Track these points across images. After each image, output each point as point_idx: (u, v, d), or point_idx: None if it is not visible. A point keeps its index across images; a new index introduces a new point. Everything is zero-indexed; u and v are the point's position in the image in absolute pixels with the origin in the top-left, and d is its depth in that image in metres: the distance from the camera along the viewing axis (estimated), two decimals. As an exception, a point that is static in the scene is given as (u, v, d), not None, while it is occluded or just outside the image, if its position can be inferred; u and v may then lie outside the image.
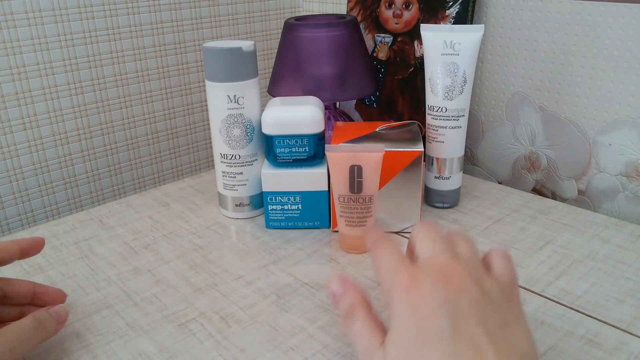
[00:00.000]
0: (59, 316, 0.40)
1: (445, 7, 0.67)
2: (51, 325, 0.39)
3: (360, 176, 0.50)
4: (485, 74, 0.70)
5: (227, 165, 0.58)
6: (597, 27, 0.59)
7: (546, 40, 0.63)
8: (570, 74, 0.62)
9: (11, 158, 0.69)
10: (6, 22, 0.64)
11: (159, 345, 0.41)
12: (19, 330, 0.37)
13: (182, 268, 0.51)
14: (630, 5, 0.56)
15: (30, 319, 0.38)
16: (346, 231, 0.52)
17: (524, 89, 0.67)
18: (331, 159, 0.50)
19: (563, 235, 0.55)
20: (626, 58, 0.58)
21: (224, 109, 0.55)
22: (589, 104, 0.62)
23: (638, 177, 0.60)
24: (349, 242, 0.53)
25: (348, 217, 0.52)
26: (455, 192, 0.61)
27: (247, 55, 0.54)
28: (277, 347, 0.41)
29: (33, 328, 0.38)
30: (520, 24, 0.65)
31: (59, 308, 0.40)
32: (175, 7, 0.78)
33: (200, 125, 0.87)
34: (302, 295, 0.47)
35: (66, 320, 0.41)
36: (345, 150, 0.50)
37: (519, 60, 0.66)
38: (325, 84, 0.63)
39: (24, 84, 0.67)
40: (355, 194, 0.51)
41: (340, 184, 0.51)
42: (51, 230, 0.59)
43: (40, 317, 0.39)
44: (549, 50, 0.63)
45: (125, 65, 0.75)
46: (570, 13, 0.61)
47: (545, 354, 0.39)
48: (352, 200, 0.51)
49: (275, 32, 0.92)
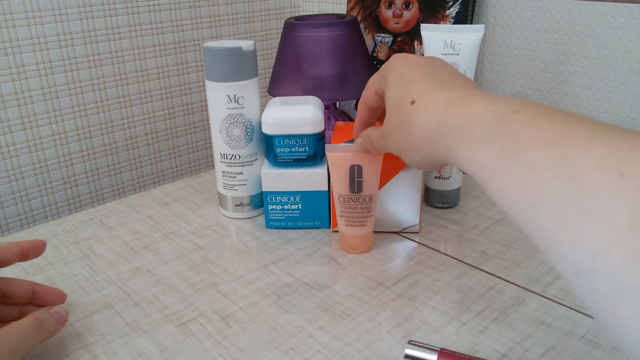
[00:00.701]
0: (59, 316, 0.40)
1: (445, 7, 0.67)
2: (51, 325, 0.39)
3: (360, 176, 0.50)
4: (485, 74, 0.70)
5: (227, 165, 0.58)
6: (597, 27, 0.59)
7: (546, 40, 0.63)
8: (570, 74, 0.62)
9: (11, 158, 0.69)
10: (5, 22, 0.64)
11: (159, 345, 0.41)
12: (19, 330, 0.37)
13: (182, 268, 0.51)
14: (630, 5, 0.56)
15: (31, 318, 0.38)
16: (346, 231, 0.52)
17: (524, 89, 0.67)
18: (331, 159, 0.50)
19: (563, 235, 0.55)
20: (626, 58, 0.58)
21: (224, 109, 0.55)
22: (589, 104, 0.62)
23: (638, 177, 0.60)
24: (349, 242, 0.53)
25: (348, 216, 0.52)
26: (455, 192, 0.61)
27: (247, 55, 0.54)
28: (277, 347, 0.41)
29: (33, 328, 0.38)
30: (520, 24, 0.65)
31: (59, 308, 0.40)
32: (175, 7, 0.78)
33: (200, 125, 0.87)
34: (302, 295, 0.47)
35: (66, 321, 0.41)
36: (345, 150, 0.50)
37: (519, 60, 0.66)
38: (325, 84, 0.63)
39: (23, 83, 0.67)
40: (356, 193, 0.51)
41: (340, 183, 0.51)
42: (51, 230, 0.59)
43: (40, 317, 0.38)
44: (549, 50, 0.63)
45: (125, 65, 0.75)
46: (570, 13, 0.61)
47: (545, 354, 0.39)
48: (352, 200, 0.51)
49: (275, 32, 0.92)
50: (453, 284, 0.48)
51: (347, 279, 0.49)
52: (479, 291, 0.47)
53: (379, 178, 0.51)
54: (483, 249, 0.53)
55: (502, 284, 0.48)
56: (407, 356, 0.37)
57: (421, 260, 0.51)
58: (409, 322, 0.43)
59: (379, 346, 0.40)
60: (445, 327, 0.42)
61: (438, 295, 0.46)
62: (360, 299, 0.46)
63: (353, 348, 0.40)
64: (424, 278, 0.49)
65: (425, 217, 0.59)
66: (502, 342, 0.41)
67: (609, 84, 0.60)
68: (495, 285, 0.47)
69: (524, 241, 0.54)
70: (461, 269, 0.50)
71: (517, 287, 0.47)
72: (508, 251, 0.52)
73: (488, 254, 0.52)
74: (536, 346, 0.40)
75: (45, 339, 0.39)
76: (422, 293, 0.46)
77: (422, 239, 0.55)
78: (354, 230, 0.52)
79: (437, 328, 0.42)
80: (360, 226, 0.52)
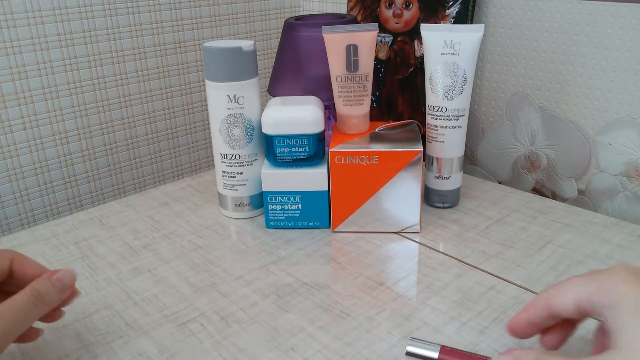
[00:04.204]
0: (62, 284, 0.36)
1: (445, 7, 0.67)
2: (51, 297, 0.35)
3: (356, 55, 0.53)
4: (485, 74, 0.70)
5: (227, 165, 0.58)
6: (597, 27, 0.59)
7: (546, 40, 0.63)
8: (570, 74, 0.62)
9: (11, 158, 0.69)
10: (6, 22, 0.64)
11: (159, 345, 0.41)
12: (14, 308, 0.33)
13: (182, 268, 0.51)
14: (630, 5, 0.56)
15: (27, 292, 0.34)
16: (345, 111, 0.56)
17: (524, 89, 0.67)
18: (328, 40, 0.54)
19: (563, 235, 0.55)
20: (626, 58, 0.58)
21: (224, 109, 0.55)
22: (589, 104, 0.62)
23: (638, 177, 0.60)
24: (348, 122, 0.56)
25: (346, 96, 0.55)
26: (455, 192, 0.61)
27: (247, 55, 0.54)
28: (277, 347, 0.41)
29: (30, 305, 0.34)
30: (520, 24, 0.65)
31: (63, 274, 0.36)
32: (175, 6, 0.78)
33: (200, 125, 0.87)
34: (302, 295, 0.47)
35: (72, 288, 0.37)
36: (341, 31, 0.53)
37: (519, 60, 0.66)
38: (325, 84, 0.63)
39: (23, 83, 0.67)
40: (352, 72, 0.54)
41: (337, 64, 0.54)
42: (51, 230, 0.59)
43: (39, 289, 0.35)
44: (549, 50, 0.63)
45: (125, 65, 0.75)
46: (570, 13, 0.61)
47: (545, 354, 0.39)
48: (349, 79, 0.54)
49: (275, 32, 0.92)
50: (453, 284, 0.48)
51: (347, 279, 0.49)
52: (479, 291, 0.47)
53: (373, 57, 0.55)
54: (483, 249, 0.53)
55: (502, 284, 0.48)
56: (408, 353, 0.37)
57: (421, 260, 0.51)
58: (408, 322, 0.43)
59: (379, 346, 0.40)
60: (445, 327, 0.42)
61: (438, 295, 0.46)
62: (360, 299, 0.46)
63: (353, 348, 0.40)
64: (424, 278, 0.49)
65: (425, 217, 0.59)
66: (502, 342, 0.41)
67: (609, 84, 0.60)
68: (495, 285, 0.47)
69: (524, 241, 0.54)
70: (461, 269, 0.50)
71: (517, 287, 0.47)
72: (508, 251, 0.52)
73: (488, 254, 0.52)
74: (536, 346, 0.40)
75: (45, 312, 0.35)
76: (422, 293, 0.47)
77: (422, 239, 0.55)
78: (352, 109, 0.55)
79: (437, 328, 0.42)
80: (357, 105, 0.55)
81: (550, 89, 0.64)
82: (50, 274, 0.36)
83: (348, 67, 0.54)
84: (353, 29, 0.53)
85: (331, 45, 0.54)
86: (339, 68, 0.54)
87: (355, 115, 0.56)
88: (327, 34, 0.54)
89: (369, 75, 0.54)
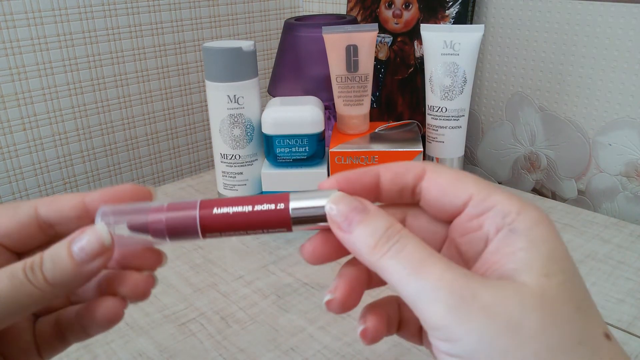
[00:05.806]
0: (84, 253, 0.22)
1: (445, 7, 0.67)
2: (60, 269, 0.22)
3: (356, 55, 0.54)
4: (485, 74, 0.70)
5: (227, 165, 0.58)
6: (597, 27, 0.59)
7: (546, 40, 0.63)
8: (570, 74, 0.62)
9: (11, 158, 0.69)
10: (6, 23, 0.64)
11: (159, 345, 0.41)
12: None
13: (182, 268, 0.51)
14: (630, 5, 0.56)
15: (19, 265, 0.22)
16: (344, 111, 0.56)
17: (524, 89, 0.67)
18: (328, 41, 0.54)
19: (563, 235, 0.55)
20: (626, 58, 0.58)
21: (224, 109, 0.55)
22: (588, 104, 0.62)
23: (638, 177, 0.60)
24: (348, 122, 0.56)
25: (346, 96, 0.55)
26: (455, 192, 0.61)
27: (247, 55, 0.54)
28: (277, 347, 0.41)
29: (22, 279, 0.22)
30: (520, 24, 0.65)
31: (86, 239, 0.23)
32: (175, 7, 0.78)
33: (200, 125, 0.87)
34: (302, 295, 0.47)
35: (105, 258, 0.23)
36: (340, 31, 0.54)
37: (519, 60, 0.66)
38: (325, 84, 0.63)
39: (23, 84, 0.67)
40: (352, 72, 0.54)
41: (337, 64, 0.55)
42: (51, 230, 0.59)
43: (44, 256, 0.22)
44: (549, 50, 0.63)
45: (125, 65, 0.75)
46: (570, 13, 0.61)
47: (545, 353, 0.39)
48: (349, 79, 0.55)
49: (275, 32, 0.92)
50: (453, 284, 0.48)
51: (347, 279, 0.49)
52: (479, 291, 0.46)
53: (373, 58, 0.55)
54: (483, 249, 0.53)
55: (502, 283, 0.47)
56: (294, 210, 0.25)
57: (421, 260, 0.51)
58: (409, 322, 0.43)
59: (379, 346, 0.40)
60: (445, 327, 0.42)
61: (438, 295, 0.46)
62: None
63: (353, 348, 0.40)
64: (424, 278, 0.48)
65: (425, 217, 0.59)
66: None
67: (609, 84, 0.60)
68: (495, 285, 0.47)
69: (524, 241, 0.54)
70: (461, 269, 0.50)
71: (517, 287, 0.47)
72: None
73: (488, 254, 0.52)
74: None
75: (55, 293, 0.22)
76: (422, 293, 0.46)
77: (422, 239, 0.55)
78: (352, 109, 0.56)
79: (437, 328, 0.42)
80: (357, 105, 0.56)
81: (550, 89, 0.64)
82: (80, 231, 0.23)
83: (348, 68, 0.54)
84: (353, 29, 0.53)
85: (331, 45, 0.54)
86: (338, 68, 0.54)
87: (355, 115, 0.56)
88: (327, 34, 0.54)
89: (368, 76, 0.54)
